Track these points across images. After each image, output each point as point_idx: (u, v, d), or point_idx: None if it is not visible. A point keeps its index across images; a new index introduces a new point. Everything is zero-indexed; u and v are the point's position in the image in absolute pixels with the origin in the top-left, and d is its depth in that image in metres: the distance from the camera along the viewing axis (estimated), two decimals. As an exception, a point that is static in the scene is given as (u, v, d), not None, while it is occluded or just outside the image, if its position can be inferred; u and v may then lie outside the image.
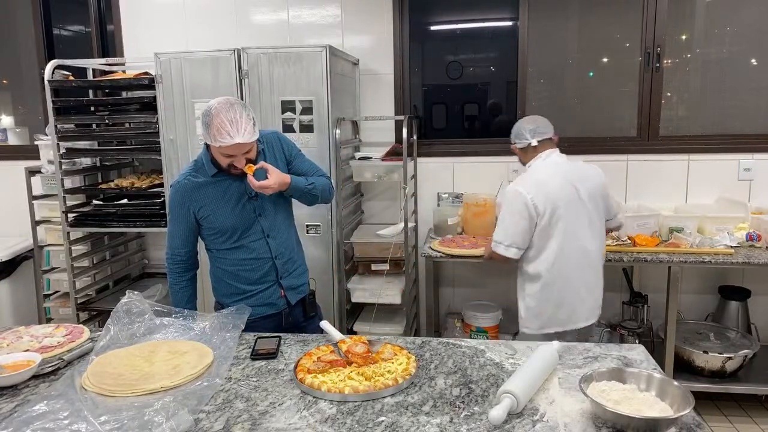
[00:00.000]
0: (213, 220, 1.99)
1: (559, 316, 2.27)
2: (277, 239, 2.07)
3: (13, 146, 4.01)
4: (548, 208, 2.21)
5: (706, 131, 3.36)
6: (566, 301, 2.26)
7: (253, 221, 2.02)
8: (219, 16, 3.56)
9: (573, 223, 2.24)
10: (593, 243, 2.30)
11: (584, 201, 2.27)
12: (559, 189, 2.24)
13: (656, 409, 1.26)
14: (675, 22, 3.31)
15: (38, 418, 1.25)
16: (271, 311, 2.09)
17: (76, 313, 3.35)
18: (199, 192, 1.98)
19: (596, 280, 2.34)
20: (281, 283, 2.10)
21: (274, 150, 2.08)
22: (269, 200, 2.03)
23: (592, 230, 2.30)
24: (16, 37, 3.98)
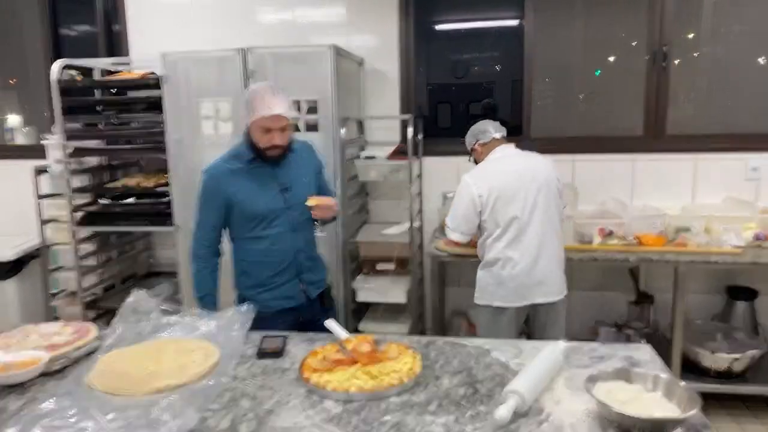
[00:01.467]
0: (244, 205, 2.06)
1: (501, 293, 2.40)
2: (301, 234, 2.15)
3: (20, 146, 4.03)
4: (494, 195, 2.37)
5: (713, 130, 3.34)
6: (509, 282, 2.37)
7: (281, 212, 2.09)
8: (225, 15, 3.57)
9: (520, 209, 2.36)
10: (542, 227, 2.38)
11: (533, 189, 2.38)
12: (506, 178, 2.39)
13: (663, 410, 1.26)
14: (682, 20, 3.29)
15: (46, 416, 1.26)
16: (290, 305, 2.15)
17: (84, 311, 3.37)
18: (234, 177, 2.06)
19: (548, 263, 2.40)
20: (302, 278, 2.16)
21: (306, 159, 2.20)
22: (299, 196, 2.09)
23: (543, 216, 2.39)
24: (23, 37, 4.00)
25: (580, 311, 3.49)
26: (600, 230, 2.96)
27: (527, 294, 2.39)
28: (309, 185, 2.16)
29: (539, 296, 2.39)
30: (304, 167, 2.17)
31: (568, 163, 3.40)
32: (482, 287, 2.47)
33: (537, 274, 2.38)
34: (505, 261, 2.38)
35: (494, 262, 2.42)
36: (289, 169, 2.12)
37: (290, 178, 2.11)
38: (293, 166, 2.13)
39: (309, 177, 2.19)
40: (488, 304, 2.44)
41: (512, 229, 2.37)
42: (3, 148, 4.05)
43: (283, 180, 2.09)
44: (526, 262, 2.37)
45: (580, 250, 2.90)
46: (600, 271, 3.45)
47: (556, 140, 3.46)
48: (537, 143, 3.45)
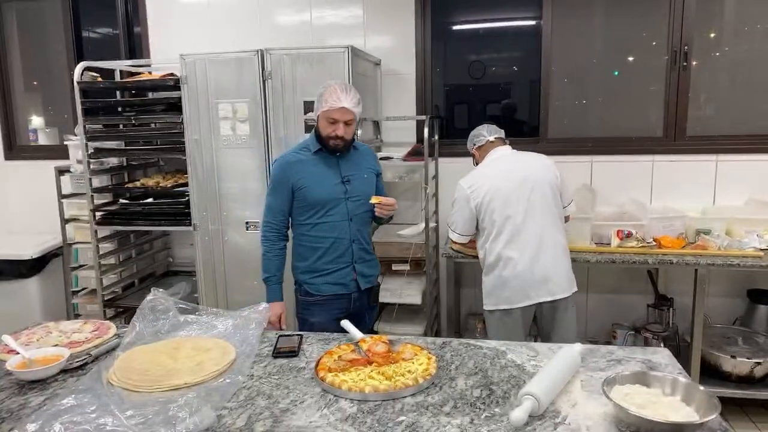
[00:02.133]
0: (307, 192, 2.21)
1: (505, 294, 2.40)
2: (357, 225, 2.28)
3: (43, 146, 4.11)
4: (488, 196, 2.41)
5: (735, 131, 3.29)
6: (512, 282, 2.38)
7: (340, 202, 2.23)
8: (243, 17, 3.61)
9: (514, 208, 2.38)
10: (540, 226, 2.39)
11: (527, 188, 2.40)
12: (499, 178, 2.44)
13: (681, 414, 1.24)
14: (703, 20, 3.24)
15: (66, 412, 1.28)
16: (342, 291, 2.28)
17: (103, 309, 3.42)
18: (300, 165, 2.23)
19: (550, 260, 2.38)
20: (355, 267, 2.28)
21: (367, 160, 2.36)
22: (358, 189, 2.26)
23: (540, 214, 2.40)
24: (46, 39, 4.08)
25: (597, 313, 3.45)
26: (618, 232, 2.93)
27: (531, 293, 2.38)
28: (368, 182, 2.31)
29: (544, 294, 2.38)
30: (365, 166, 2.33)
31: (586, 165, 3.38)
32: (488, 291, 2.48)
33: (539, 272, 2.37)
34: (506, 261, 2.39)
35: (495, 264, 2.43)
36: (351, 164, 2.28)
37: (351, 171, 2.26)
38: (355, 161, 2.30)
39: (369, 176, 2.33)
40: (495, 307, 2.44)
41: (508, 228, 2.39)
42: (27, 148, 4.13)
43: (345, 172, 2.25)
44: (526, 260, 2.36)
45: (598, 252, 2.87)
46: (618, 274, 3.41)
47: (575, 141, 3.43)
48: (555, 144, 3.44)
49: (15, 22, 4.09)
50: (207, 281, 3.13)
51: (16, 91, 4.15)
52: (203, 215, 3.07)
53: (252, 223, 3.01)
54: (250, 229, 3.02)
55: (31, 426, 1.23)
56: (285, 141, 2.89)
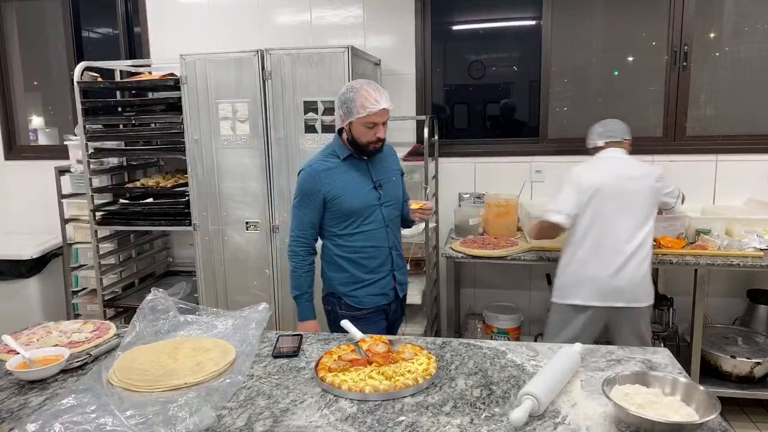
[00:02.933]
0: (340, 202, 2.08)
1: (583, 291, 2.40)
2: (394, 231, 2.21)
3: (43, 146, 4.12)
4: (592, 189, 2.41)
5: (734, 131, 3.29)
6: (594, 280, 2.39)
7: (376, 208, 2.12)
8: (242, 17, 3.61)
9: (607, 208, 2.39)
10: (626, 232, 2.39)
11: (628, 192, 2.41)
12: (605, 177, 2.43)
13: (681, 414, 1.24)
14: (703, 19, 3.24)
15: (66, 412, 1.28)
16: (384, 302, 2.19)
17: (103, 309, 3.42)
18: (330, 174, 2.08)
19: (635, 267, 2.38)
20: (395, 275, 2.21)
21: (391, 161, 2.25)
22: (390, 193, 2.17)
23: (638, 220, 2.40)
24: (46, 39, 4.08)
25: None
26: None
27: (610, 295, 2.37)
28: (397, 184, 2.23)
29: (622, 300, 2.38)
30: (392, 168, 2.23)
31: (585, 164, 3.37)
32: (564, 283, 2.48)
33: (624, 276, 2.37)
34: (593, 259, 2.39)
35: (582, 259, 2.42)
36: (379, 167, 2.16)
37: (381, 175, 2.16)
38: (382, 164, 2.18)
39: (396, 178, 2.24)
40: (564, 301, 2.45)
41: (603, 228, 2.39)
42: (27, 148, 4.13)
43: (376, 177, 2.14)
44: (614, 263, 2.37)
45: (598, 252, 2.86)
46: (618, 274, 3.41)
47: (574, 141, 3.42)
48: (554, 144, 3.44)
49: (15, 22, 4.09)
50: (207, 281, 3.13)
51: (16, 91, 4.15)
52: (203, 215, 3.07)
53: (252, 223, 3.02)
54: (250, 229, 3.02)
55: (31, 426, 1.23)
56: (285, 141, 2.89)
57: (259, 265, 3.04)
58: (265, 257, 3.02)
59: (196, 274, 3.16)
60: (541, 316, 3.48)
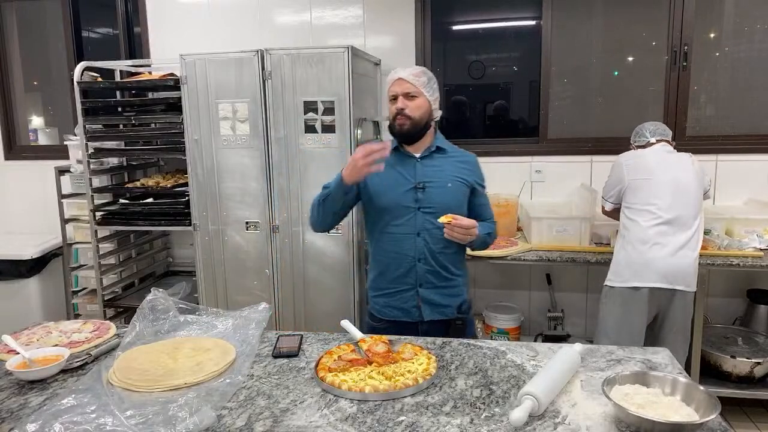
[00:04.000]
0: (374, 194, 1.98)
1: (640, 272, 2.45)
2: (429, 243, 1.95)
3: (43, 146, 4.12)
4: (640, 176, 2.53)
5: (734, 131, 3.29)
6: (652, 262, 2.44)
7: (409, 211, 1.95)
8: (242, 17, 3.61)
9: (674, 192, 2.48)
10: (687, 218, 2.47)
11: (680, 180, 2.50)
12: (655, 165, 2.54)
13: (681, 414, 1.24)
14: (703, 19, 3.24)
15: (66, 412, 1.28)
16: (406, 318, 1.99)
17: (103, 309, 3.42)
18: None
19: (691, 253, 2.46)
20: (419, 292, 1.98)
21: (459, 167, 2.01)
22: (434, 199, 1.94)
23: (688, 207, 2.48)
24: (46, 39, 4.08)
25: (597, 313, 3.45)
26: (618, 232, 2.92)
27: (670, 278, 2.43)
28: (452, 193, 1.97)
29: (680, 283, 2.44)
30: (454, 174, 1.99)
31: (586, 165, 3.38)
32: (620, 266, 2.51)
33: (682, 260, 2.43)
34: (652, 242, 2.44)
35: (639, 241, 2.47)
36: (433, 169, 1.98)
37: (431, 178, 1.96)
38: (440, 167, 1.99)
39: (456, 185, 1.98)
40: (622, 284, 2.49)
41: (667, 209, 2.46)
42: (27, 148, 4.14)
43: (422, 178, 1.95)
44: (671, 247, 2.43)
45: (598, 252, 2.87)
46: (618, 274, 3.41)
47: (574, 141, 3.43)
48: (555, 144, 3.44)
49: (15, 22, 4.09)
50: (207, 281, 3.13)
51: (16, 91, 4.15)
52: (203, 215, 3.07)
53: (252, 223, 3.02)
54: (250, 229, 3.02)
55: (31, 426, 1.23)
56: (285, 141, 2.89)
57: (259, 265, 3.04)
58: (265, 257, 3.03)
59: (196, 274, 3.16)
60: (541, 316, 3.48)
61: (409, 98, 1.95)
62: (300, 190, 2.92)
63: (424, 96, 1.96)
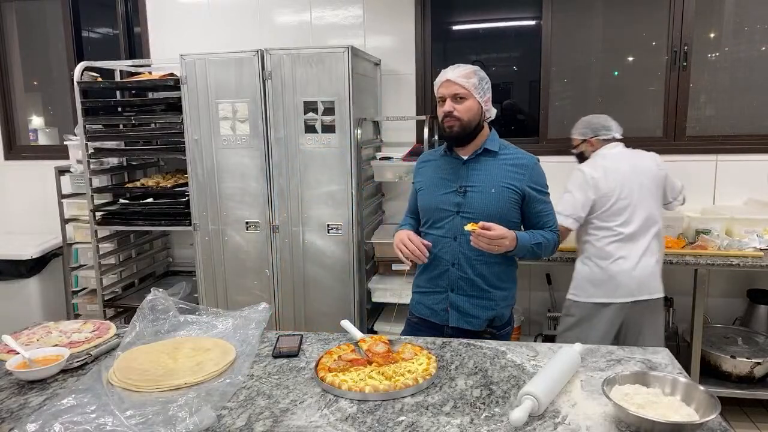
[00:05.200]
0: (420, 196, 2.02)
1: (605, 288, 2.45)
2: (465, 248, 1.89)
3: (43, 146, 4.12)
4: (613, 190, 2.45)
5: (734, 131, 3.29)
6: (617, 276, 2.43)
7: (449, 215, 1.92)
8: (242, 17, 3.61)
9: (634, 205, 2.44)
10: (650, 224, 2.46)
11: (647, 187, 2.48)
12: (623, 175, 2.47)
13: (681, 414, 1.24)
14: (703, 19, 3.24)
15: (66, 412, 1.28)
16: (434, 319, 1.99)
17: (103, 309, 3.43)
18: (426, 166, 2.04)
19: (653, 259, 2.46)
20: (449, 297, 1.95)
21: (510, 172, 1.91)
22: (475, 203, 1.88)
23: (652, 214, 2.47)
24: (46, 39, 4.08)
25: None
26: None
27: (633, 290, 2.42)
28: (498, 198, 1.88)
29: (644, 293, 2.43)
30: (500, 178, 1.89)
31: (585, 164, 3.37)
32: (583, 282, 2.50)
33: (644, 269, 2.43)
34: (616, 256, 2.43)
35: (603, 256, 2.46)
36: (482, 173, 1.91)
37: (477, 182, 1.90)
38: (485, 170, 1.92)
39: (502, 191, 1.88)
40: (586, 299, 2.48)
41: (626, 225, 2.43)
42: (27, 148, 4.14)
43: (466, 181, 1.91)
44: (635, 257, 2.42)
45: (598, 252, 2.87)
46: (618, 274, 3.41)
47: (574, 141, 3.43)
48: (555, 144, 3.43)
49: (15, 22, 4.09)
50: (207, 281, 3.13)
51: (16, 91, 4.15)
52: (203, 215, 3.07)
53: (252, 223, 3.02)
54: (250, 229, 3.02)
55: (31, 426, 1.23)
56: (285, 141, 2.89)
57: (259, 265, 3.04)
58: (265, 257, 3.03)
59: (196, 274, 3.16)
60: (541, 316, 3.48)
61: (457, 100, 1.88)
62: (300, 190, 2.92)
63: (474, 97, 1.90)
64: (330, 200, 2.91)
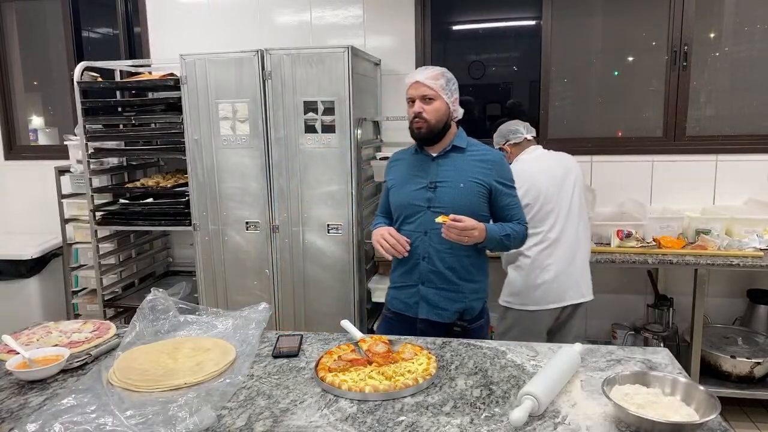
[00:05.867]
0: (392, 193, 2.07)
1: (536, 295, 2.41)
2: (435, 241, 1.95)
3: (43, 146, 4.12)
4: (530, 195, 2.37)
5: (734, 131, 3.29)
6: (546, 284, 2.39)
7: (420, 210, 1.97)
8: (242, 17, 3.61)
9: (558, 210, 2.40)
10: (578, 227, 2.43)
11: (568, 189, 2.44)
12: (545, 178, 2.42)
13: (681, 414, 1.24)
14: (703, 19, 3.24)
15: (66, 412, 1.28)
16: (407, 312, 2.04)
17: (103, 309, 3.42)
18: (397, 165, 2.11)
19: (581, 263, 2.44)
20: (420, 290, 2.00)
21: (478, 168, 1.97)
22: (444, 199, 1.94)
23: (578, 216, 2.44)
24: (46, 39, 4.08)
25: (597, 313, 3.45)
26: (618, 232, 2.93)
27: (563, 295, 2.39)
28: (466, 193, 1.94)
29: (574, 297, 2.41)
30: (468, 174, 1.96)
31: (586, 165, 3.37)
32: (515, 290, 2.46)
33: (573, 274, 2.40)
34: (543, 263, 2.38)
35: (530, 264, 2.41)
36: (450, 169, 1.98)
37: (446, 177, 1.96)
38: (454, 166, 1.98)
39: (469, 185, 1.94)
40: (521, 307, 2.43)
41: (552, 229, 2.40)
42: (27, 148, 4.14)
43: (435, 177, 1.97)
44: (562, 264, 2.38)
45: (598, 252, 2.87)
46: (618, 273, 3.41)
47: (574, 141, 3.43)
48: (555, 144, 3.43)
49: (15, 22, 4.09)
50: (207, 281, 3.13)
51: (16, 91, 4.15)
52: (203, 215, 3.07)
53: (252, 223, 3.02)
54: (250, 229, 3.02)
55: (31, 426, 1.23)
56: (285, 141, 2.89)
57: (259, 265, 3.04)
58: (265, 257, 3.03)
59: (196, 274, 3.16)
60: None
61: (426, 101, 1.94)
62: (300, 190, 2.92)
63: (442, 98, 1.96)
64: (330, 200, 2.91)
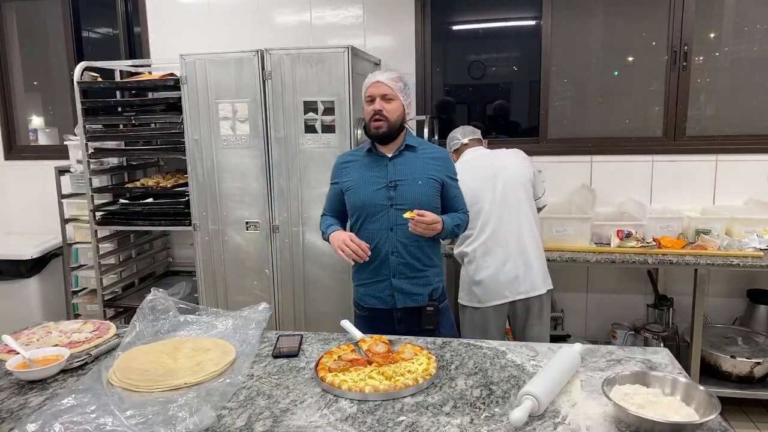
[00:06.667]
0: (350, 195, 2.11)
1: (477, 293, 2.46)
2: (401, 236, 2.05)
3: (43, 146, 4.12)
4: (476, 193, 2.43)
5: (734, 131, 3.29)
6: (484, 281, 2.44)
7: (383, 208, 2.06)
8: (243, 17, 3.61)
9: (488, 207, 2.44)
10: (514, 223, 2.44)
11: (499, 186, 2.46)
12: (472, 179, 2.45)
13: (681, 414, 1.24)
14: (703, 19, 3.24)
15: (66, 412, 1.28)
16: (382, 306, 2.13)
17: (103, 309, 3.42)
18: (349, 167, 2.15)
19: (522, 259, 2.43)
20: (392, 282, 2.09)
21: (429, 165, 2.10)
22: (406, 196, 2.04)
23: (513, 211, 2.45)
24: (46, 39, 4.08)
25: (597, 313, 3.46)
26: (618, 232, 2.93)
27: (504, 292, 2.42)
28: (423, 189, 2.06)
29: (515, 293, 2.42)
30: (424, 171, 2.08)
31: (586, 165, 3.38)
32: (463, 287, 2.54)
33: (511, 271, 2.41)
34: (478, 261, 2.45)
35: (469, 263, 2.49)
36: (405, 168, 2.08)
37: (403, 176, 2.06)
38: (411, 165, 2.08)
39: (426, 182, 2.07)
40: (468, 304, 2.51)
41: (483, 228, 2.44)
42: (27, 148, 4.13)
43: (393, 176, 2.06)
44: (498, 261, 2.41)
45: (598, 252, 2.87)
46: (618, 274, 3.41)
47: (574, 141, 3.43)
48: (554, 144, 3.44)
49: (15, 22, 4.09)
50: (207, 281, 3.13)
51: (16, 91, 4.15)
52: (203, 215, 3.07)
53: (252, 223, 3.01)
54: (250, 229, 3.02)
55: (31, 426, 1.23)
56: (285, 141, 2.89)
57: (259, 265, 3.04)
58: (265, 257, 3.03)
59: (196, 274, 3.16)
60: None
61: (386, 100, 2.04)
62: (300, 190, 2.92)
63: (400, 99, 2.06)
64: (330, 200, 2.91)
